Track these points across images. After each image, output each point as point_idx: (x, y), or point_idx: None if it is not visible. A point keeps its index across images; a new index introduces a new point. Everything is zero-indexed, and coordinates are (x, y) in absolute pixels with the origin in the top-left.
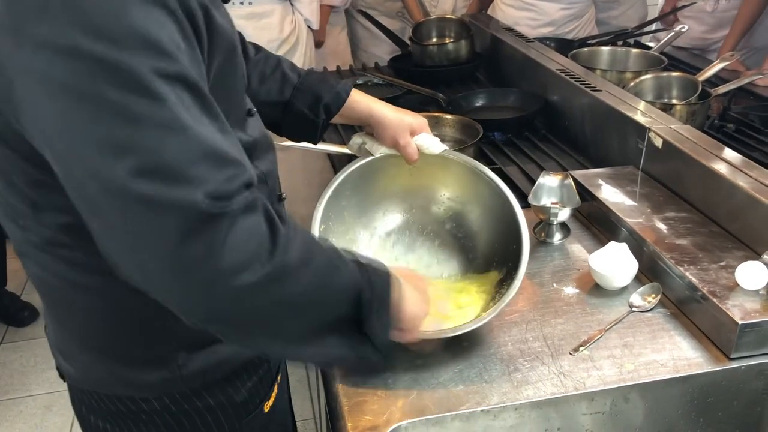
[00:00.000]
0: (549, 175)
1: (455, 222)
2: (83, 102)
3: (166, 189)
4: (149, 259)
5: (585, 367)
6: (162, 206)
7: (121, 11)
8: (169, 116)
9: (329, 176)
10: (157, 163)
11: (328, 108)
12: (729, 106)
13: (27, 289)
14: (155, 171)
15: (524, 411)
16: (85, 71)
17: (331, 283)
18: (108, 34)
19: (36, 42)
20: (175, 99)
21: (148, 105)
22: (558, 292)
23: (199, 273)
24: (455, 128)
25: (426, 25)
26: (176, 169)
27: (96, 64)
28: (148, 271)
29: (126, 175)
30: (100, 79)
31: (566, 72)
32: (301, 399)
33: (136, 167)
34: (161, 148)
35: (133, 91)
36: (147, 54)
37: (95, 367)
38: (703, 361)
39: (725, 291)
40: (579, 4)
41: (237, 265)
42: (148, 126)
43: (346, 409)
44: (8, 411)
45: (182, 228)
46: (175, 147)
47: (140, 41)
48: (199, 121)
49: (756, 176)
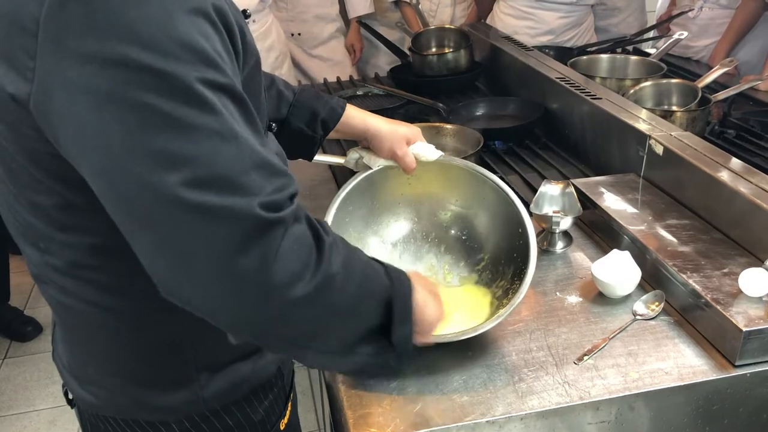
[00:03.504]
0: (550, 183)
1: (460, 228)
2: (132, 112)
3: (222, 198)
4: (204, 271)
5: (589, 376)
6: (218, 215)
7: (168, 22)
8: (221, 125)
9: (331, 187)
10: (212, 172)
11: (325, 123)
12: (729, 112)
13: (30, 304)
14: (210, 181)
15: (530, 421)
16: (133, 81)
17: (369, 291)
18: (155, 44)
19: (80, 54)
20: (224, 109)
21: (199, 114)
22: (561, 301)
23: (253, 285)
24: (456, 138)
25: (425, 35)
26: (230, 179)
27: (145, 74)
28: (201, 285)
29: (180, 186)
30: (150, 88)
31: (566, 80)
32: (306, 410)
33: (190, 178)
34: (215, 158)
35: (183, 100)
36: (195, 64)
37: (116, 392)
38: (708, 368)
39: (729, 298)
40: (578, 12)
41: (289, 276)
42: (200, 135)
43: (350, 421)
44: (12, 426)
45: (239, 237)
46: (228, 156)
47: (188, 51)
48: (246, 131)
49: (757, 182)
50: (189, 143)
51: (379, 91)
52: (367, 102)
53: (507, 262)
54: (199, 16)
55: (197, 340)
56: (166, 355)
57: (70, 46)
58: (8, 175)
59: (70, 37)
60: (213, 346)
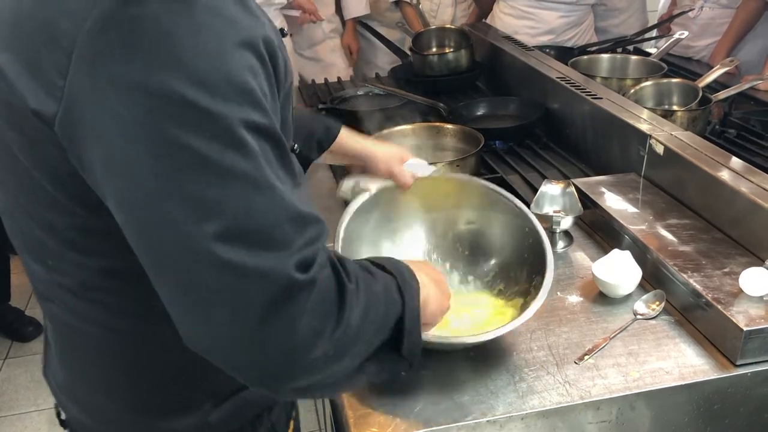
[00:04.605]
0: (551, 183)
1: (471, 241)
2: (167, 148)
3: (253, 256)
4: (227, 330)
5: (590, 375)
6: (249, 275)
7: (219, 55)
8: (258, 174)
9: (331, 186)
10: (245, 226)
11: (320, 144)
12: (730, 112)
13: (31, 304)
14: (243, 235)
15: (530, 421)
16: (173, 115)
17: (384, 323)
18: (204, 79)
19: (119, 80)
20: (262, 154)
21: (238, 160)
22: (562, 301)
23: (277, 348)
24: (456, 138)
25: (426, 34)
26: (264, 233)
27: (188, 110)
28: (223, 343)
29: (213, 239)
30: (191, 126)
31: (566, 80)
32: (306, 411)
33: (223, 230)
34: (249, 210)
35: (224, 144)
36: (241, 104)
37: (119, 416)
38: (709, 368)
39: (729, 297)
40: (578, 11)
41: (312, 335)
42: (237, 184)
43: (351, 421)
44: (13, 426)
45: (268, 298)
46: (262, 208)
47: (236, 90)
48: (281, 178)
49: (758, 182)
50: (224, 190)
51: (379, 90)
52: (367, 102)
53: (519, 266)
54: (249, 50)
55: (206, 367)
56: (174, 381)
57: (109, 69)
58: (20, 189)
59: (110, 61)
60: (222, 375)
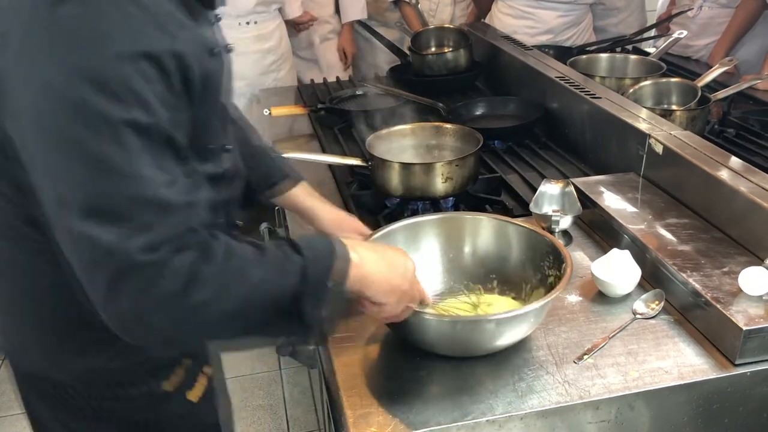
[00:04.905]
0: (550, 182)
1: (490, 269)
2: (59, 131)
3: (105, 231)
4: (87, 285)
5: (589, 375)
6: (97, 246)
7: (115, 62)
8: (127, 164)
9: (331, 187)
10: (105, 206)
11: (265, 191)
12: (729, 111)
13: None
14: (101, 213)
15: (530, 420)
16: (67, 107)
17: (263, 298)
18: (98, 80)
19: (33, 70)
20: (141, 149)
21: (111, 150)
22: (561, 300)
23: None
24: (455, 137)
25: (425, 34)
26: (118, 215)
27: (78, 105)
28: (90, 294)
29: (76, 209)
30: (77, 117)
31: (565, 79)
32: (306, 411)
33: (85, 205)
34: (111, 193)
35: (101, 134)
36: (126, 106)
37: (33, 349)
38: (708, 367)
39: (729, 297)
40: (576, 11)
41: (153, 306)
42: (104, 169)
43: (350, 420)
44: (12, 427)
45: (114, 269)
46: (123, 193)
47: (123, 93)
48: (164, 169)
49: (757, 181)
50: (93, 173)
51: (378, 90)
52: (366, 102)
53: (534, 271)
54: (148, 60)
55: None
56: (83, 325)
57: (28, 60)
58: None
59: (31, 52)
60: None
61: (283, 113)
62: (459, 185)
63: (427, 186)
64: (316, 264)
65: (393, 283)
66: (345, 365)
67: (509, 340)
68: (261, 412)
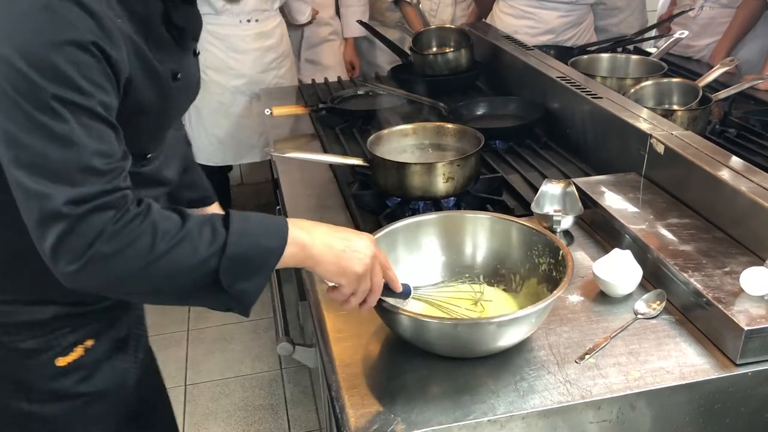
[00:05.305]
0: (551, 182)
1: (491, 266)
2: (7, 101)
3: (37, 183)
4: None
5: (591, 375)
6: (30, 195)
7: (56, 48)
8: (60, 131)
9: (332, 187)
10: (39, 162)
11: None
12: (730, 111)
13: None
14: (34, 167)
15: (531, 420)
16: (12, 81)
17: (171, 268)
18: (34, 60)
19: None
20: (72, 121)
21: (47, 119)
22: (562, 300)
23: (48, 252)
24: (456, 137)
25: (426, 34)
26: (50, 171)
27: (20, 78)
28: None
29: (14, 162)
30: (18, 89)
31: (566, 79)
32: (307, 410)
33: (22, 159)
34: (45, 153)
35: (39, 106)
36: (60, 84)
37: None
38: (710, 367)
39: (730, 297)
40: (577, 11)
41: (69, 254)
42: (42, 133)
43: (352, 420)
44: None
45: (43, 215)
46: (56, 154)
47: (61, 76)
48: (95, 138)
49: (758, 181)
50: (32, 135)
51: (379, 90)
52: (367, 101)
53: (535, 269)
54: (76, 47)
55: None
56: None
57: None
58: None
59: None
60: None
61: (284, 113)
62: (460, 185)
63: (428, 186)
64: (242, 238)
65: (343, 265)
66: (346, 365)
67: (510, 341)
68: (262, 412)
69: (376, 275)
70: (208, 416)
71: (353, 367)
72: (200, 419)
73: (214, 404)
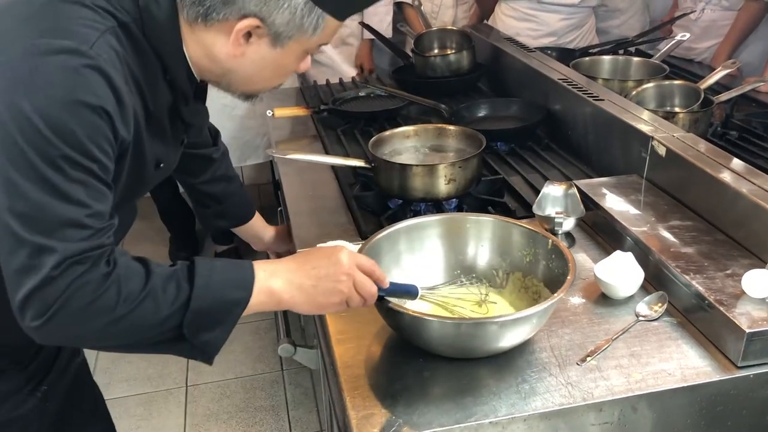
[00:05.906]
0: (553, 184)
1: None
2: (15, 150)
3: (29, 234)
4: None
5: (592, 377)
6: (21, 243)
7: (73, 111)
8: (58, 187)
9: (333, 187)
10: (33, 214)
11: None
12: (731, 114)
13: None
14: (29, 219)
15: (533, 422)
16: (24, 134)
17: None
18: (54, 122)
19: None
20: (77, 181)
21: (50, 174)
22: (564, 302)
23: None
24: (458, 139)
25: (427, 36)
26: (43, 223)
27: (33, 136)
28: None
29: (8, 212)
30: (31, 145)
31: (568, 81)
32: (308, 412)
33: (18, 210)
34: (41, 205)
35: (46, 161)
36: (73, 148)
37: None
38: (711, 369)
39: (732, 299)
40: (579, 14)
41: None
42: (41, 187)
43: (353, 422)
44: None
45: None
46: (50, 208)
47: (73, 138)
48: (90, 198)
49: (760, 183)
50: (32, 187)
51: (381, 92)
52: (369, 103)
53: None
54: (85, 108)
55: None
56: None
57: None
58: None
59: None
60: None
61: (286, 114)
62: (462, 187)
63: (429, 187)
64: (206, 292)
65: (319, 301)
66: (348, 366)
67: (512, 342)
68: (263, 413)
69: (361, 287)
70: (209, 417)
71: (355, 368)
72: (201, 420)
73: (215, 405)
